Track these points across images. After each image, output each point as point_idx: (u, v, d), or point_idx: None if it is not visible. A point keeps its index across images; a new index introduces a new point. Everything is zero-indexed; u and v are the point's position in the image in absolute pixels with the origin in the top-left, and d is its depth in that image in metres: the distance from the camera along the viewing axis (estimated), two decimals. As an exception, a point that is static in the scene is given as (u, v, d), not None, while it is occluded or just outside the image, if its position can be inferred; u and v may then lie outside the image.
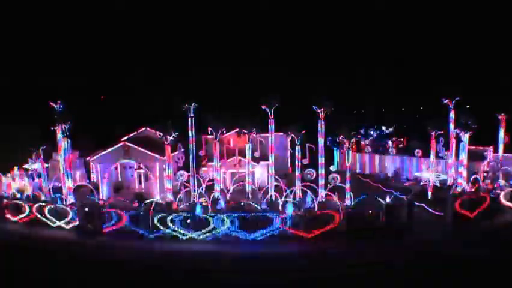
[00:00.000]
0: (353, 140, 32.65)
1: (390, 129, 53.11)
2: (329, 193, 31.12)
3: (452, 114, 35.65)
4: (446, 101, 35.73)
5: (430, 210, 29.87)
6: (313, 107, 31.80)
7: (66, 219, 29.46)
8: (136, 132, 40.44)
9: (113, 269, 23.01)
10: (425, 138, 37.39)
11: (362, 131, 48.55)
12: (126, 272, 22.62)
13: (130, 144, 35.34)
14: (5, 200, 32.08)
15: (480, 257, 22.88)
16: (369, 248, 24.75)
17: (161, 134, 31.67)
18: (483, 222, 28.22)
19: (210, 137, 37.30)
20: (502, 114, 39.74)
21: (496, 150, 41.61)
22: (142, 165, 35.54)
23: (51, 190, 35.16)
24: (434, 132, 35.28)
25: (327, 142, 40.26)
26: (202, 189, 33.51)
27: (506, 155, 41.21)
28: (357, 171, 45.33)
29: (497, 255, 23.10)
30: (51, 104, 32.01)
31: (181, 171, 34.99)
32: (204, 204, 30.14)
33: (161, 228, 27.43)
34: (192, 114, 32.61)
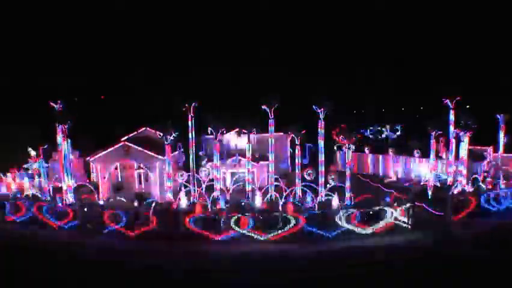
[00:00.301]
0: (354, 139, 32.58)
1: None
2: (329, 193, 31.19)
3: (452, 114, 35.63)
4: (446, 101, 35.70)
5: (430, 210, 29.82)
6: (314, 106, 31.81)
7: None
8: (136, 132, 40.49)
9: (113, 269, 23.03)
10: (425, 138, 37.40)
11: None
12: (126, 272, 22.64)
13: (130, 144, 35.37)
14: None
15: (480, 257, 22.89)
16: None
17: (161, 134, 31.68)
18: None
19: (210, 136, 37.31)
20: (502, 114, 39.80)
21: (496, 150, 41.66)
22: (142, 165, 35.56)
23: (50, 190, 35.24)
24: (434, 132, 35.26)
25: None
26: (202, 189, 33.55)
27: (506, 155, 41.30)
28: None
29: (497, 255, 23.10)
30: (51, 104, 32.03)
31: (181, 171, 35.00)
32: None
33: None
34: (192, 114, 32.58)
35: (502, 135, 41.22)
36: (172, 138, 31.47)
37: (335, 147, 44.25)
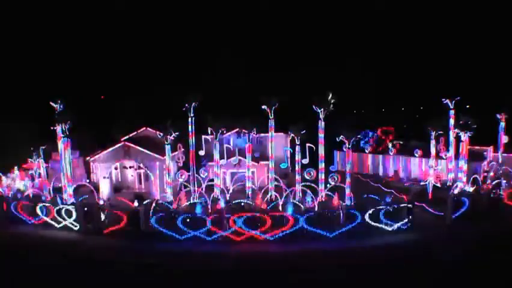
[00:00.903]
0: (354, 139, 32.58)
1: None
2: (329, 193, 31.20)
3: (452, 115, 35.64)
4: (446, 101, 35.72)
5: (430, 210, 29.87)
6: (313, 106, 31.78)
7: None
8: (136, 132, 40.49)
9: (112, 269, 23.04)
10: (425, 138, 37.43)
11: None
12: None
13: (130, 144, 35.38)
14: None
15: (480, 257, 22.91)
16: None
17: (161, 134, 31.66)
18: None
19: (210, 136, 37.29)
20: (502, 114, 39.81)
21: (496, 150, 41.66)
22: (142, 165, 35.56)
23: (51, 190, 35.22)
24: (434, 132, 35.29)
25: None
26: (202, 189, 33.52)
27: (506, 155, 41.31)
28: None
29: (497, 256, 23.11)
30: (52, 104, 32.01)
31: (181, 171, 34.97)
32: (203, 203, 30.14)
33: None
34: (192, 114, 32.59)
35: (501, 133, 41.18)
36: (172, 138, 31.47)
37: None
